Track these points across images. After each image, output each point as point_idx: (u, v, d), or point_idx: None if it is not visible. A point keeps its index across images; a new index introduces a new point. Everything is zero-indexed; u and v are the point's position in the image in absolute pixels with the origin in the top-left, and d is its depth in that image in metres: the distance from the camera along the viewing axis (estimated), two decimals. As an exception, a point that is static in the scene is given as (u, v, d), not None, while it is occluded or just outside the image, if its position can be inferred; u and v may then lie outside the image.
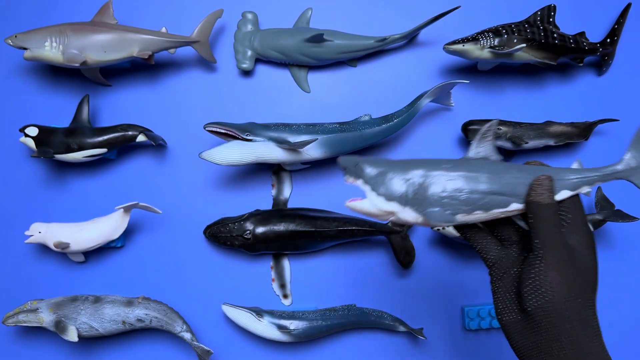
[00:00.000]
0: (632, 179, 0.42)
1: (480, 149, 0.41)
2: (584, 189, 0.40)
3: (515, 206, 0.39)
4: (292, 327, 0.62)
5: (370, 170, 0.38)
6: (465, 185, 0.38)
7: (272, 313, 0.64)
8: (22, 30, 0.66)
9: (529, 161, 0.42)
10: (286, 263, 0.67)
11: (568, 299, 0.35)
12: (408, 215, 0.38)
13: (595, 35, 0.71)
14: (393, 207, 0.38)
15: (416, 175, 0.38)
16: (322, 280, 0.68)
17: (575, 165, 0.42)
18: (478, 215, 0.38)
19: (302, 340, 0.63)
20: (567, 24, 0.69)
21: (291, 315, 0.63)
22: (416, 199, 0.37)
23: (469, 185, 0.38)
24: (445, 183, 0.38)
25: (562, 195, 0.39)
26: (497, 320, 0.45)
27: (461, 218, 0.38)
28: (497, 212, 0.38)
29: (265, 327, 0.63)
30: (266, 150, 0.62)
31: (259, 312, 0.63)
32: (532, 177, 0.39)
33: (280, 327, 0.62)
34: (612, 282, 0.69)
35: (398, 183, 0.38)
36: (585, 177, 0.40)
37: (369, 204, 0.38)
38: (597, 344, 0.35)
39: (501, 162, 0.40)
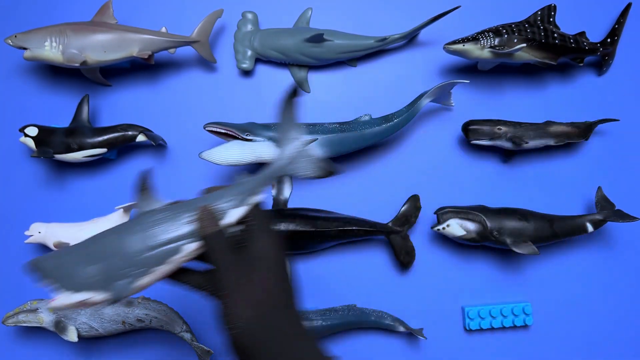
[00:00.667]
0: (294, 171, 0.42)
1: (143, 203, 0.41)
2: (255, 198, 0.41)
3: (192, 246, 0.39)
4: None
5: (51, 267, 0.37)
6: (133, 247, 0.38)
7: None
8: (22, 30, 0.66)
9: (209, 187, 0.42)
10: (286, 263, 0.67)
11: (257, 319, 0.36)
12: (100, 297, 0.37)
13: (595, 35, 0.71)
14: (84, 295, 0.37)
15: (90, 257, 0.38)
16: (322, 280, 0.68)
17: (241, 179, 0.42)
18: (162, 270, 0.38)
19: None
20: (567, 24, 0.69)
21: None
22: (99, 280, 0.37)
23: (136, 247, 0.38)
24: (118, 255, 0.38)
25: (233, 216, 0.40)
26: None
27: (148, 279, 0.38)
28: (178, 259, 0.39)
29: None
30: (266, 150, 0.62)
31: None
32: (195, 212, 0.39)
33: None
34: (613, 282, 0.69)
35: (77, 271, 0.37)
36: (244, 190, 0.41)
37: (63, 299, 0.37)
38: (307, 347, 0.37)
39: (165, 208, 0.40)
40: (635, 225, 0.70)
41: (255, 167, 0.69)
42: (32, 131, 0.63)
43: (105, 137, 0.64)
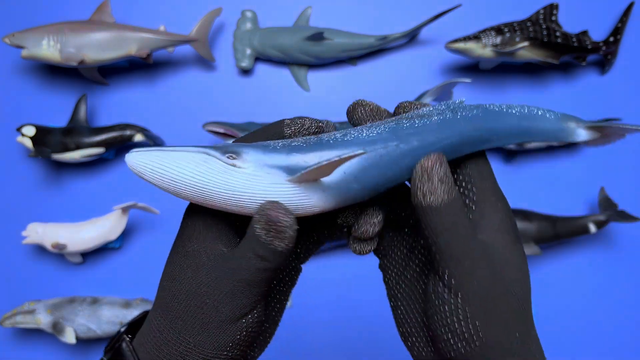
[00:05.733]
0: None
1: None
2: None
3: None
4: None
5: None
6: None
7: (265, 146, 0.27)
8: (19, 28, 0.65)
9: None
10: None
11: (496, 339, 0.24)
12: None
13: (598, 34, 0.70)
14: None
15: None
16: (323, 280, 0.67)
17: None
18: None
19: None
20: (570, 23, 0.69)
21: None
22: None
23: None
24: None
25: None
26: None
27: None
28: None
29: (252, 176, 0.25)
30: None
31: (227, 150, 0.26)
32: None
33: (290, 169, 0.25)
34: (616, 283, 0.68)
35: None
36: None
37: None
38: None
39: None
40: (638, 226, 0.69)
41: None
42: (30, 131, 0.62)
43: (103, 136, 0.64)
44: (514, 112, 0.27)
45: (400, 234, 0.29)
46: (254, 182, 0.24)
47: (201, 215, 0.26)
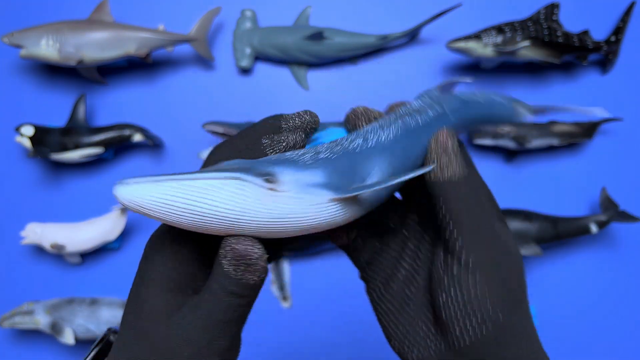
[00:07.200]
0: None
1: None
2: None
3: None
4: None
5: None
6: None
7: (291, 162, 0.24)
8: (18, 28, 0.65)
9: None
10: (285, 264, 0.67)
11: (508, 318, 0.23)
12: None
13: (599, 33, 0.70)
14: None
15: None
16: (323, 280, 0.67)
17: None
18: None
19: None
20: (571, 22, 0.69)
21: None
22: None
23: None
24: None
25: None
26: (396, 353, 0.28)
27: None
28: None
29: (295, 200, 0.23)
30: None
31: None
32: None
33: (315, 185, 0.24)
34: (617, 283, 0.68)
35: None
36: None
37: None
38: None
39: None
40: (639, 226, 0.69)
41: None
42: (28, 130, 0.62)
43: (102, 136, 0.63)
44: (479, 100, 0.29)
45: (385, 238, 0.28)
46: (296, 205, 0.21)
47: (165, 259, 0.23)
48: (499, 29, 0.63)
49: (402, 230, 0.28)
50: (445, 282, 0.24)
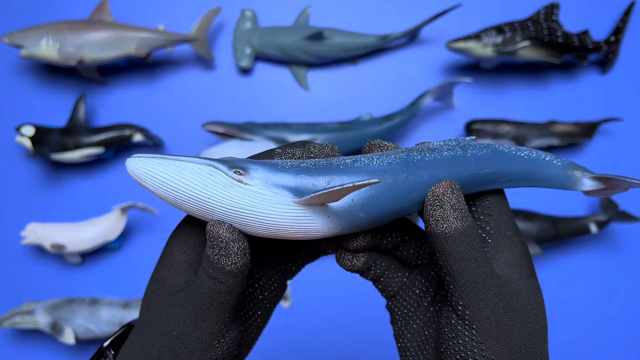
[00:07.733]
0: None
1: None
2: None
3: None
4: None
5: None
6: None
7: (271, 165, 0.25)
8: (18, 28, 0.65)
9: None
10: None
11: None
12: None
13: (599, 33, 0.70)
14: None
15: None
16: (323, 281, 0.67)
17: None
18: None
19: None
20: (571, 22, 0.69)
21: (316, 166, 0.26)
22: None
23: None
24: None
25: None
26: None
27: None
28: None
29: (257, 195, 0.24)
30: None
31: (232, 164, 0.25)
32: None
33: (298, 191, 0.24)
34: (617, 283, 0.68)
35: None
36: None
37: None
38: None
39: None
40: (639, 226, 0.69)
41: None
42: (29, 130, 0.62)
43: (102, 136, 0.63)
44: (522, 155, 0.26)
45: (413, 274, 0.28)
46: (259, 200, 0.23)
47: (180, 244, 0.25)
48: (499, 29, 0.63)
49: (429, 270, 0.27)
50: (445, 331, 0.24)
